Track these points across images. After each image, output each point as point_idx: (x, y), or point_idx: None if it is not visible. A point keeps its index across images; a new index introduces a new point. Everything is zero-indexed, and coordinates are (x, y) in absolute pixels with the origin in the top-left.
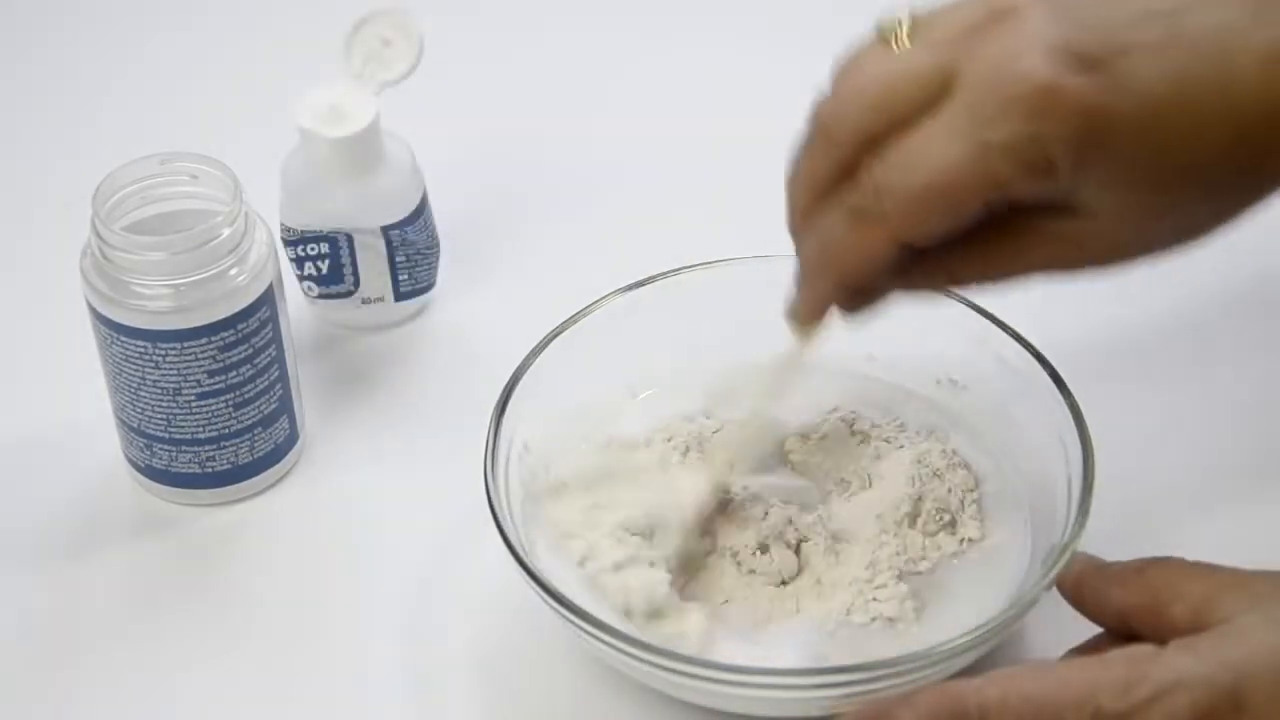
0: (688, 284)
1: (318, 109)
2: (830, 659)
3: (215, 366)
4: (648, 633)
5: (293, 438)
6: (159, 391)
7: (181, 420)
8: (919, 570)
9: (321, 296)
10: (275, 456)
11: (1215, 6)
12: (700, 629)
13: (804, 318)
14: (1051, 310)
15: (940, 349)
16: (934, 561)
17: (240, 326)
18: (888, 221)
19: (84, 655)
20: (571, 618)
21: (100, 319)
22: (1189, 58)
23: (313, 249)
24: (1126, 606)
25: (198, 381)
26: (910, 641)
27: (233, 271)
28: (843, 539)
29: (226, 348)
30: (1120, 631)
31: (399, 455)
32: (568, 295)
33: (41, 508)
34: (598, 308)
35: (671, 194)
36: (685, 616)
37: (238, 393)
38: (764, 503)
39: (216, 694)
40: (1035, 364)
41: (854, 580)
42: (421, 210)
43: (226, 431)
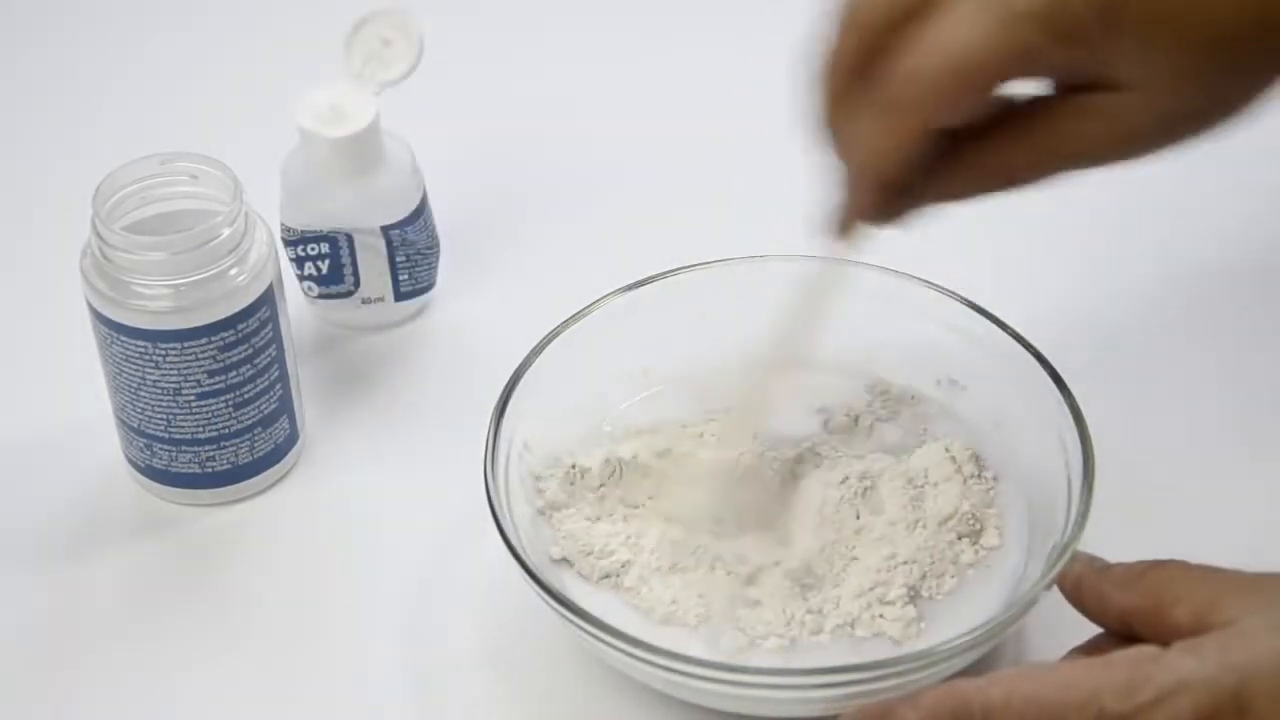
0: (687, 284)
1: (318, 109)
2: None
3: (215, 366)
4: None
5: (293, 438)
6: (159, 391)
7: (181, 420)
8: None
9: (321, 296)
10: (275, 456)
11: None
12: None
13: (845, 221)
14: (1051, 310)
15: (940, 349)
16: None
17: (240, 326)
18: (922, 106)
19: (84, 655)
20: (571, 617)
21: (100, 319)
22: None
23: (313, 249)
24: (1128, 609)
25: (198, 381)
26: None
27: (233, 271)
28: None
29: (226, 348)
30: (1121, 633)
31: (399, 455)
32: (568, 295)
33: (41, 508)
34: (597, 308)
35: (671, 194)
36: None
37: (238, 393)
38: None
39: (216, 694)
40: (1035, 364)
41: (862, 593)
42: (421, 210)
43: (226, 431)
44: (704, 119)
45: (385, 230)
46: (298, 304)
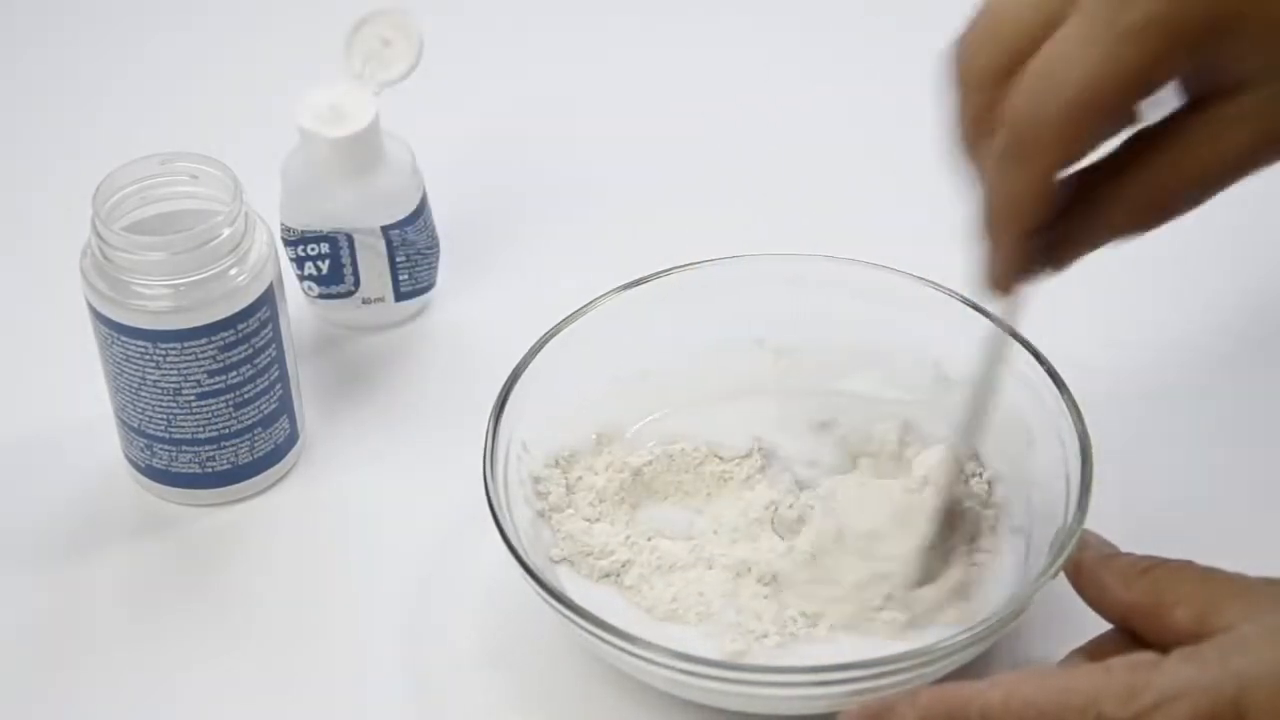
0: (686, 283)
1: (318, 109)
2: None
3: (215, 366)
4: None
5: (293, 438)
6: (159, 391)
7: (181, 420)
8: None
9: (322, 296)
10: (275, 456)
11: None
12: None
13: (1002, 281)
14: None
15: (940, 349)
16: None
17: (240, 326)
18: (1048, 147)
19: (84, 655)
20: (571, 616)
21: (100, 319)
22: None
23: (313, 249)
24: (1128, 605)
25: (198, 381)
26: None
27: (233, 271)
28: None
29: (226, 348)
30: (1119, 626)
31: (399, 455)
32: (567, 295)
33: (41, 508)
34: (596, 307)
35: (670, 194)
36: None
37: (238, 393)
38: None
39: (216, 694)
40: (1035, 364)
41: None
42: (421, 210)
43: (226, 431)
44: (703, 119)
45: (385, 230)
46: (298, 304)
